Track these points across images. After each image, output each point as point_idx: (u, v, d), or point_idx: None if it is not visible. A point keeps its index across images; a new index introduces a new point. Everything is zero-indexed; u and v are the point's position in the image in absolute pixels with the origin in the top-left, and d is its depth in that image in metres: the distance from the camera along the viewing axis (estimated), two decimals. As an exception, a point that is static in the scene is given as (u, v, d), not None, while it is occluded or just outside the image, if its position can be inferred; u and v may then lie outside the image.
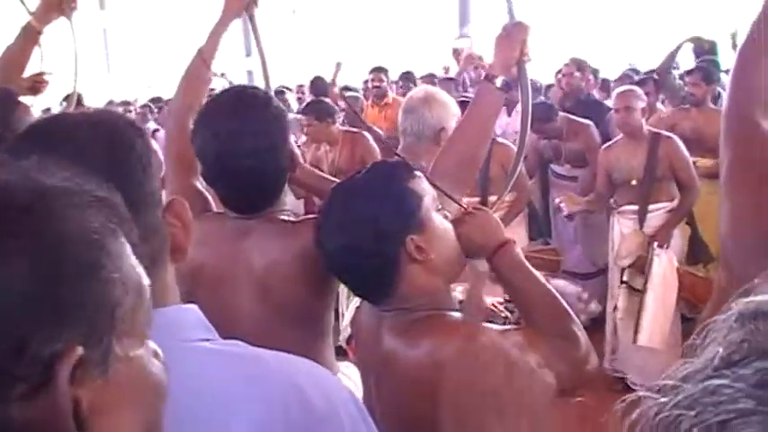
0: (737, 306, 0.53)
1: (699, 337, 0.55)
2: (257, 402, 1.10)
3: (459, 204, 1.91)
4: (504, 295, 2.48)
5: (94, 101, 12.59)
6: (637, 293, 4.94)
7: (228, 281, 2.18)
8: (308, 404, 1.13)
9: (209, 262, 2.19)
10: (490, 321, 2.20)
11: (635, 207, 5.20)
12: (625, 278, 5.07)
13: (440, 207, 1.81)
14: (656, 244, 4.96)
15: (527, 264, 1.82)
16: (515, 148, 2.37)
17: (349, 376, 2.48)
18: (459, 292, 2.42)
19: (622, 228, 5.27)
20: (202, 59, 2.55)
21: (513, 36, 2.11)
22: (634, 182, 5.18)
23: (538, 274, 1.82)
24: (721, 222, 1.50)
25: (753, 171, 1.47)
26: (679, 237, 5.29)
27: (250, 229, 2.18)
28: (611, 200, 5.40)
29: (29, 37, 3.09)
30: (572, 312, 1.78)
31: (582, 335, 1.75)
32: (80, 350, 0.68)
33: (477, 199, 4.73)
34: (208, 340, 1.14)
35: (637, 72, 8.00)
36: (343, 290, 4.87)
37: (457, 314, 1.77)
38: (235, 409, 1.08)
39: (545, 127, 6.09)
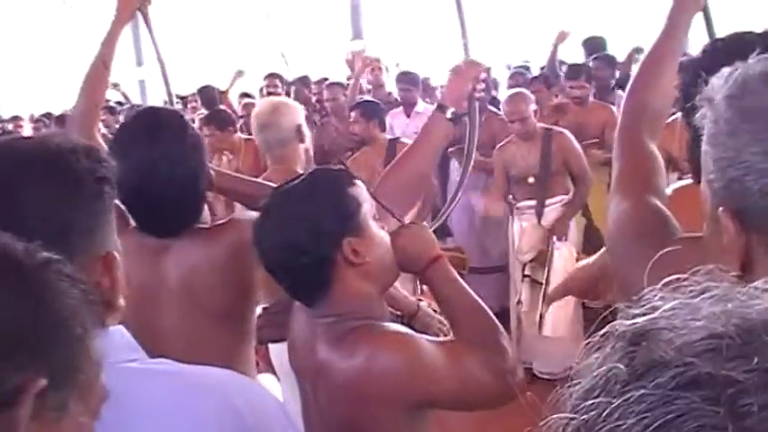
0: (623, 327, 0.56)
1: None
2: (189, 416, 1.12)
3: (395, 218, 1.94)
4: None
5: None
6: (539, 286, 5.05)
7: (151, 295, 2.17)
8: (238, 414, 1.15)
9: (132, 278, 2.15)
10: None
11: (532, 202, 5.30)
12: (527, 272, 5.17)
13: (377, 217, 1.85)
14: (554, 237, 5.09)
15: (458, 278, 1.88)
16: None
17: (268, 385, 2.49)
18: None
19: (522, 223, 5.37)
20: (102, 62, 2.53)
21: (467, 72, 2.25)
22: (531, 179, 5.30)
23: (467, 287, 1.87)
24: (608, 223, 1.58)
25: (635, 185, 1.57)
26: (575, 228, 5.41)
27: (170, 242, 2.18)
28: (509, 196, 5.50)
29: None
30: (499, 325, 1.83)
31: (509, 348, 1.81)
32: (43, 382, 0.78)
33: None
34: (135, 360, 1.15)
35: (528, 69, 8.16)
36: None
37: (388, 324, 1.80)
38: (167, 426, 1.10)
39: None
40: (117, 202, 2.24)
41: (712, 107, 0.99)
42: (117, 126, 2.52)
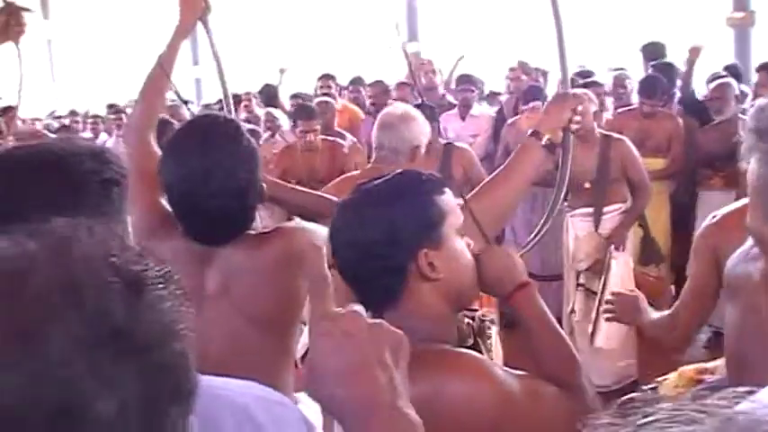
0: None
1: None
2: (211, 427, 1.07)
3: (485, 237, 1.85)
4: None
5: (38, 111, 12.41)
6: (593, 296, 4.95)
7: (195, 301, 2.12)
8: (259, 429, 1.12)
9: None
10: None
11: (589, 210, 5.22)
12: (582, 281, 5.08)
13: (462, 233, 1.74)
14: (612, 246, 4.98)
15: (545, 310, 1.79)
16: (472, 151, 2.41)
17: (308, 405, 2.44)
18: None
19: (577, 231, 5.28)
20: (163, 69, 2.53)
21: (566, 103, 2.21)
22: (587, 184, 5.19)
23: (553, 321, 1.80)
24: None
25: None
26: (631, 238, 5.33)
27: (215, 249, 2.18)
28: (564, 203, 5.42)
29: None
30: (581, 365, 1.76)
31: (590, 389, 1.73)
32: None
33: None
34: None
35: (588, 74, 8.04)
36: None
37: (461, 350, 1.70)
38: None
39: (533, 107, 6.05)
40: (166, 206, 2.25)
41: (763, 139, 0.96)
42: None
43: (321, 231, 2.26)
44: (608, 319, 2.96)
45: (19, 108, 3.44)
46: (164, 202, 2.27)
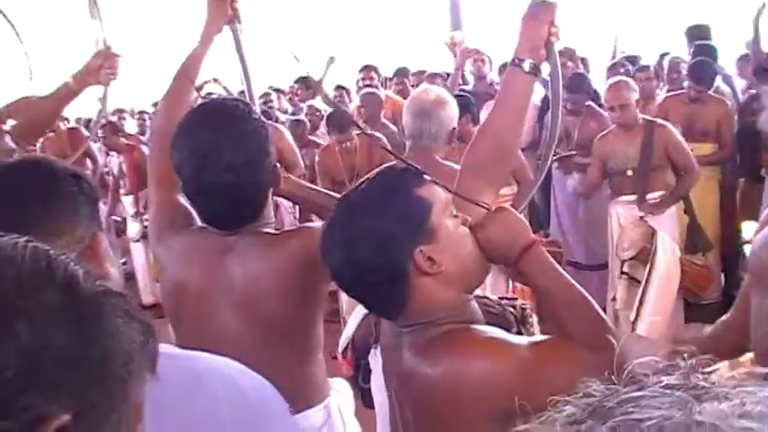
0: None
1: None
2: (204, 394, 1.19)
3: (479, 205, 1.78)
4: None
5: (85, 110, 12.55)
6: (636, 284, 4.90)
7: (212, 298, 2.16)
8: (243, 392, 1.23)
9: (193, 279, 2.18)
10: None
11: (632, 197, 5.18)
12: (626, 269, 5.01)
13: (455, 213, 1.69)
14: (659, 234, 4.90)
15: (557, 266, 1.70)
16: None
17: (340, 392, 2.45)
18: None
19: (621, 218, 5.25)
20: (186, 78, 2.49)
21: (539, 16, 1.96)
22: (630, 172, 5.17)
23: (567, 276, 1.71)
24: None
25: None
26: (677, 226, 5.27)
27: (232, 244, 2.16)
28: (608, 191, 5.38)
29: (65, 96, 3.09)
30: (606, 319, 1.67)
31: (615, 342, 1.61)
32: (66, 419, 0.74)
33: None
34: None
35: (632, 61, 7.94)
36: (344, 297, 4.87)
37: (479, 327, 1.65)
38: (185, 403, 1.16)
39: (574, 97, 6.04)
40: (184, 203, 2.25)
41: None
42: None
43: None
44: None
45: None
46: (180, 199, 2.29)
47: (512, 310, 2.23)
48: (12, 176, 1.39)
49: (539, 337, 1.69)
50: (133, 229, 7.50)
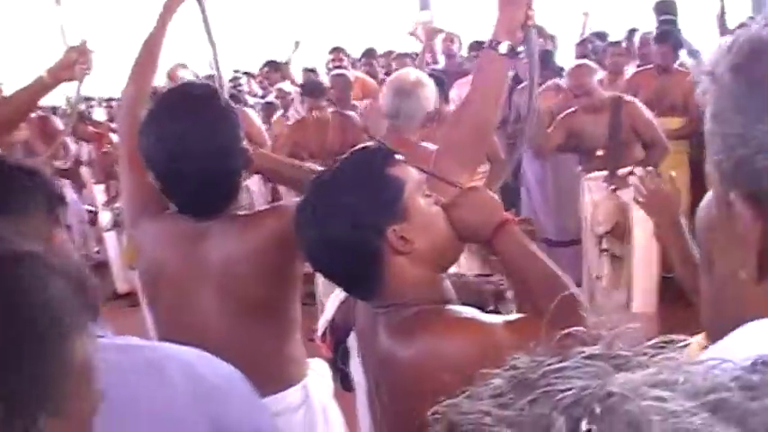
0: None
1: None
2: (161, 380, 1.21)
3: (451, 184, 1.79)
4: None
5: (53, 98, 12.42)
6: (619, 261, 4.91)
7: (189, 283, 2.16)
8: (203, 377, 1.26)
9: (169, 264, 2.18)
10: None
11: (603, 173, 5.17)
12: (605, 246, 5.00)
13: (428, 193, 1.70)
14: (632, 207, 4.89)
15: (529, 243, 1.72)
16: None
17: (318, 372, 2.46)
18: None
19: (593, 194, 5.23)
20: (149, 48, 2.50)
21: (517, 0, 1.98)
22: (600, 152, 5.18)
23: (540, 253, 1.72)
24: None
25: None
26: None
27: (206, 229, 2.16)
28: (578, 168, 5.40)
29: (39, 91, 3.12)
30: (579, 296, 1.66)
31: (589, 322, 1.60)
32: None
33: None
34: (102, 336, 1.17)
35: (601, 36, 7.95)
36: (320, 281, 4.86)
37: (452, 307, 1.65)
38: (142, 392, 1.18)
39: (542, 73, 6.05)
40: (153, 184, 2.23)
41: (715, 80, 0.88)
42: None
43: None
44: (639, 205, 2.72)
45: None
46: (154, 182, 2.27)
47: (488, 286, 2.24)
48: None
49: (513, 316, 1.67)
50: (105, 217, 7.44)
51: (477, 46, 7.12)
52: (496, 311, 1.97)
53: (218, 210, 2.15)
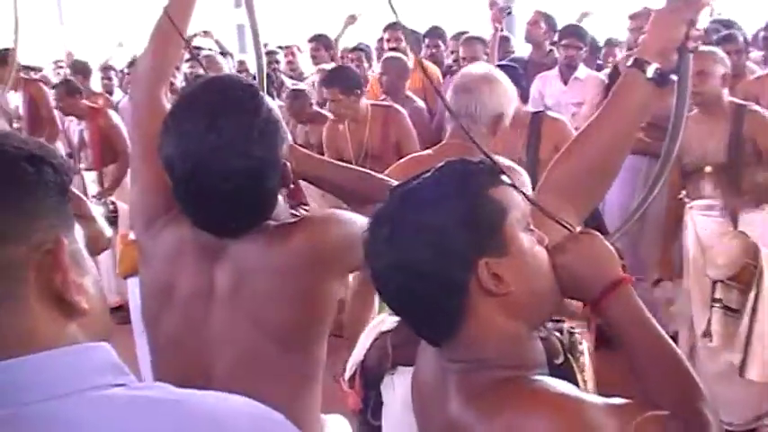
0: None
1: None
2: None
3: (562, 224, 1.78)
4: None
5: (46, 56, 12.66)
6: (734, 314, 4.76)
7: (199, 301, 2.19)
8: None
9: (182, 279, 2.21)
10: None
11: (712, 201, 5.06)
12: (718, 295, 4.81)
13: (532, 227, 1.69)
14: (763, 250, 4.71)
15: (647, 314, 1.69)
16: (569, 124, 2.28)
17: None
18: None
19: (698, 229, 5.10)
20: (170, 20, 2.44)
21: (679, 12, 1.95)
22: (708, 168, 5.00)
23: (659, 328, 1.68)
24: None
25: None
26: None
27: (228, 242, 2.19)
28: (682, 192, 5.25)
29: None
30: (701, 387, 1.65)
31: (712, 418, 1.62)
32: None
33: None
34: (122, 386, 1.16)
35: (727, 25, 7.86)
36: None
37: (546, 379, 1.62)
38: None
39: None
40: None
41: None
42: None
43: (360, 223, 2.14)
44: None
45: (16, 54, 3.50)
46: None
47: (558, 334, 2.25)
48: None
49: (618, 400, 1.62)
50: (96, 212, 7.47)
51: (569, 32, 7.07)
52: (567, 366, 1.98)
53: (244, 232, 2.17)
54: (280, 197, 2.22)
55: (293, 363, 2.20)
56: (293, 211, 2.45)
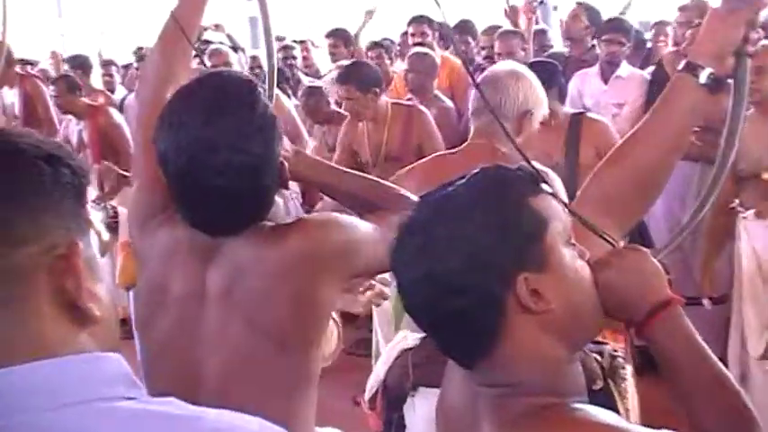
0: None
1: None
2: None
3: (605, 239, 1.78)
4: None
5: (44, 49, 12.75)
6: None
7: (191, 303, 2.24)
8: None
9: (174, 281, 2.27)
10: None
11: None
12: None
13: (573, 241, 1.66)
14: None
15: (696, 338, 1.67)
16: (611, 126, 2.29)
17: None
18: None
19: (753, 241, 5.01)
20: (177, 26, 2.53)
21: (737, 14, 1.94)
22: (767, 174, 4.90)
23: (709, 353, 1.67)
24: None
25: None
26: None
27: (222, 243, 2.24)
28: (736, 201, 5.15)
29: None
30: (754, 414, 1.63)
31: None
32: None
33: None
34: (132, 399, 1.17)
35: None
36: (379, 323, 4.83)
37: (587, 408, 1.58)
38: None
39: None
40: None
41: None
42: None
43: (363, 229, 2.33)
44: None
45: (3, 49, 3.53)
46: None
47: (597, 357, 2.18)
48: None
49: None
50: (95, 218, 7.49)
51: (612, 26, 6.95)
52: (606, 392, 1.93)
53: (239, 230, 2.24)
54: (277, 198, 2.29)
55: (286, 365, 2.24)
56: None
